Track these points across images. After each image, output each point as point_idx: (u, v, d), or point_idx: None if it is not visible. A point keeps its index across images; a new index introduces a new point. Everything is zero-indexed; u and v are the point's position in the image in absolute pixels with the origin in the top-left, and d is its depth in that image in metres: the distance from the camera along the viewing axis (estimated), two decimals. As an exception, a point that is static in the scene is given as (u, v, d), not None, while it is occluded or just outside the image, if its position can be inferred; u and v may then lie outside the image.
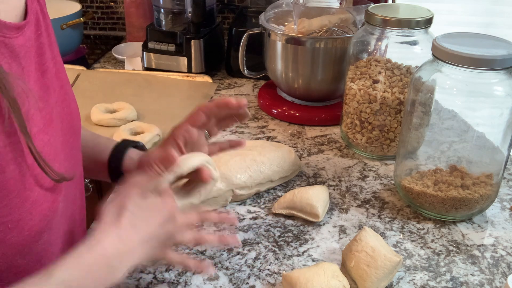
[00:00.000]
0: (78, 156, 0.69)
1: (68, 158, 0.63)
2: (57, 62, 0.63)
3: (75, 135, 0.66)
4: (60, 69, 0.64)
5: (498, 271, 0.75)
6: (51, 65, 0.61)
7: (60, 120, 0.61)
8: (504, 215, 0.87)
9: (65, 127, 0.62)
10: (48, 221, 0.56)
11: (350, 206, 0.89)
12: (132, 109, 1.17)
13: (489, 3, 1.61)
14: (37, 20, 0.58)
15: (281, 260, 0.77)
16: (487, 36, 0.83)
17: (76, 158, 0.67)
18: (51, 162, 0.55)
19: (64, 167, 0.60)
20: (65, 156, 0.61)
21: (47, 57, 0.59)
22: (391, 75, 0.98)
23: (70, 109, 0.65)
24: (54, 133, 0.59)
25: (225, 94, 1.30)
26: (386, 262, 0.69)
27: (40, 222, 0.55)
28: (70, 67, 1.41)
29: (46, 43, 0.60)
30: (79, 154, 0.69)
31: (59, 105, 0.62)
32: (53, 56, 0.62)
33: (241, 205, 0.89)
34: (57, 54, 0.64)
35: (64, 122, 0.62)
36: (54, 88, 0.61)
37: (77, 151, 0.68)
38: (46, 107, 0.58)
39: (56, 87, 0.61)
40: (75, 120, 0.67)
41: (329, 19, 1.13)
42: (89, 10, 1.71)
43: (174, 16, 1.38)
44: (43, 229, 0.56)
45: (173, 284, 0.72)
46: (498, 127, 0.81)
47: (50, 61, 0.60)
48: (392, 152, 1.01)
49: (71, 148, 0.64)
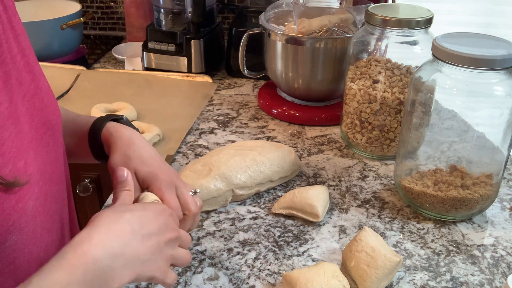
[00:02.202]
0: (57, 152, 0.65)
1: (41, 155, 0.59)
2: (26, 55, 0.60)
3: (50, 131, 0.62)
4: (31, 62, 0.60)
5: (498, 271, 0.75)
6: (18, 57, 0.58)
7: (29, 115, 0.57)
8: (504, 215, 0.87)
9: (35, 123, 0.58)
10: (14, 221, 0.52)
11: (350, 206, 0.89)
12: (132, 109, 1.17)
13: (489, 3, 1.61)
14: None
15: (281, 260, 0.77)
16: (487, 36, 0.83)
17: (53, 155, 0.63)
18: (12, 159, 0.51)
19: (34, 165, 0.55)
20: (36, 152, 0.57)
21: (3, 49, 0.55)
22: (391, 75, 0.98)
23: (43, 103, 0.61)
24: (18, 129, 0.54)
25: (225, 94, 1.30)
26: (386, 262, 0.69)
27: (3, 223, 0.50)
28: (70, 67, 1.41)
29: (5, 35, 0.56)
30: (58, 150, 0.65)
31: (28, 100, 0.58)
32: (21, 48, 0.59)
33: (241, 205, 0.89)
34: (26, 47, 0.60)
35: (34, 117, 0.58)
36: (21, 82, 0.57)
37: (54, 147, 0.63)
38: (6, 101, 0.53)
39: (24, 80, 0.58)
40: (50, 114, 0.62)
41: (329, 19, 1.13)
42: (89, 10, 1.71)
43: (174, 16, 1.39)
44: (9, 230, 0.51)
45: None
46: (498, 127, 0.81)
47: (16, 54, 0.57)
48: (392, 152, 1.01)
49: (45, 145, 0.60)
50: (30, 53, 0.61)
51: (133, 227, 0.55)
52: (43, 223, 0.59)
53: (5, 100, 0.53)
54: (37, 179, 0.56)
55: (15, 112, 0.54)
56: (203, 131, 1.12)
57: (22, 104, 0.57)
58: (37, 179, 0.56)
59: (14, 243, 0.53)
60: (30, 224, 0.55)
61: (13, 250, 0.54)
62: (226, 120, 1.18)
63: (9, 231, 0.52)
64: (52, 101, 0.64)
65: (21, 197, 0.53)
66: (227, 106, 1.24)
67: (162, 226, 0.59)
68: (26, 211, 0.54)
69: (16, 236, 0.53)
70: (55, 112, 0.64)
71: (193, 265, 0.75)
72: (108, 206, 0.88)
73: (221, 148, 0.95)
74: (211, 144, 1.07)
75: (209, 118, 1.18)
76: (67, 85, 1.32)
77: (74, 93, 1.30)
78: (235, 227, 0.83)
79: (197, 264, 0.76)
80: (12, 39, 0.57)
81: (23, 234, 0.54)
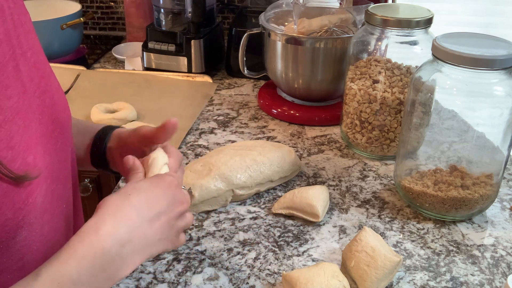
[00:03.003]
0: (65, 151, 0.65)
1: (50, 152, 0.59)
2: (35, 53, 0.60)
3: (60, 128, 0.62)
4: (41, 59, 0.61)
5: (498, 271, 0.75)
6: (29, 54, 0.58)
7: (39, 111, 0.57)
8: (504, 215, 0.87)
9: (45, 119, 0.59)
10: (24, 216, 0.52)
11: (350, 206, 0.89)
12: (132, 109, 1.17)
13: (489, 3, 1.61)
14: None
15: (281, 260, 0.77)
16: (487, 36, 0.83)
17: (61, 153, 0.63)
18: (21, 153, 0.51)
19: (42, 161, 0.56)
20: (45, 149, 0.57)
21: (13, 43, 0.55)
22: (391, 75, 0.98)
23: (53, 100, 0.61)
24: (28, 124, 0.54)
25: (225, 94, 1.30)
26: (386, 262, 0.69)
27: (14, 217, 0.51)
28: (70, 67, 1.41)
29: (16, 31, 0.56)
30: (66, 149, 0.65)
31: (38, 96, 0.58)
32: (31, 46, 0.59)
33: (241, 205, 0.89)
34: (34, 44, 0.61)
35: (44, 114, 0.59)
36: (31, 78, 0.57)
37: (63, 146, 0.63)
38: (16, 95, 0.53)
39: (35, 76, 0.58)
40: (60, 112, 0.63)
41: (329, 19, 1.13)
42: (89, 10, 1.71)
43: (174, 16, 1.39)
44: (19, 225, 0.52)
45: (173, 284, 0.72)
46: (498, 127, 0.81)
47: (27, 50, 0.57)
48: (392, 152, 1.01)
49: (54, 142, 0.60)
50: (40, 51, 0.62)
51: (140, 212, 0.55)
52: (49, 221, 0.59)
53: (15, 94, 0.53)
54: (45, 176, 0.56)
55: (24, 107, 0.54)
56: (203, 131, 1.12)
57: (33, 100, 0.57)
58: (45, 175, 0.56)
59: (24, 238, 0.54)
60: (39, 220, 0.56)
61: (22, 246, 0.54)
62: (226, 120, 1.18)
63: (19, 226, 0.52)
64: (62, 99, 0.64)
65: (31, 192, 0.53)
66: (227, 106, 1.24)
67: (171, 201, 0.59)
68: (35, 206, 0.54)
69: (25, 231, 0.53)
70: (65, 111, 0.65)
71: (193, 265, 0.75)
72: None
73: (221, 148, 0.95)
74: (211, 144, 1.07)
75: (209, 118, 1.18)
76: (67, 85, 1.32)
77: (74, 93, 1.30)
78: (235, 227, 0.83)
79: (197, 264, 0.76)
80: (22, 36, 0.58)
81: (32, 230, 0.55)
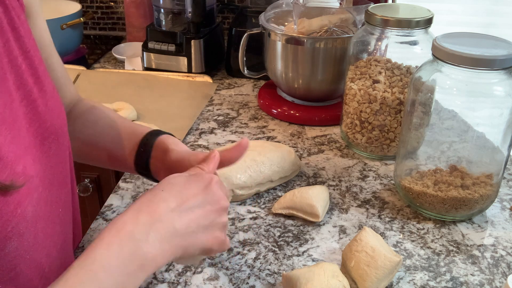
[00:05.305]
0: (61, 156, 0.64)
1: (41, 160, 0.58)
2: (29, 57, 0.59)
3: (55, 135, 0.61)
4: (35, 64, 0.60)
5: (498, 271, 0.75)
6: (19, 60, 0.57)
7: (27, 120, 0.56)
8: (504, 215, 0.87)
9: (35, 127, 0.58)
10: (13, 227, 0.51)
11: (350, 206, 0.89)
12: (132, 109, 1.17)
13: (489, 3, 1.61)
14: None
15: (281, 260, 0.77)
16: (487, 36, 0.83)
17: (55, 159, 0.62)
18: (10, 164, 0.51)
19: (33, 169, 0.55)
20: (34, 157, 0.56)
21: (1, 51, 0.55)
22: (391, 75, 0.98)
23: (46, 107, 0.60)
24: (14, 134, 0.53)
25: (225, 94, 1.30)
26: (386, 262, 0.69)
27: (2, 229, 0.50)
28: (70, 67, 1.41)
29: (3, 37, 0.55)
30: (62, 154, 0.64)
31: (27, 104, 0.57)
32: (24, 50, 0.58)
33: (241, 205, 0.89)
34: (31, 49, 0.59)
35: (33, 122, 0.57)
36: (20, 85, 0.56)
37: (57, 151, 0.62)
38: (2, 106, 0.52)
39: (25, 83, 0.57)
40: (54, 119, 0.61)
41: (329, 19, 1.13)
42: (89, 10, 1.71)
43: (174, 16, 1.39)
44: (8, 236, 0.51)
45: (173, 284, 0.72)
46: (498, 127, 0.81)
47: (17, 56, 0.57)
48: (392, 152, 1.01)
49: (47, 149, 0.59)
50: (35, 55, 0.60)
51: (169, 205, 0.55)
52: (44, 228, 0.58)
53: (1, 104, 0.52)
54: (36, 184, 0.56)
55: (10, 117, 0.53)
56: (203, 131, 1.12)
57: (19, 108, 0.56)
58: (36, 184, 0.56)
59: (14, 249, 0.53)
60: (31, 230, 0.55)
61: (13, 256, 0.53)
62: (226, 120, 1.18)
63: (7, 237, 0.51)
64: (57, 104, 0.63)
65: (20, 202, 0.52)
66: (227, 106, 1.24)
67: (209, 197, 0.58)
68: (25, 216, 0.53)
69: (15, 242, 0.52)
70: (60, 116, 0.63)
71: (193, 265, 0.75)
72: (107, 206, 0.88)
73: (221, 148, 0.94)
74: (211, 144, 1.07)
75: (209, 118, 1.18)
76: (67, 85, 1.32)
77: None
78: (235, 227, 0.83)
79: (197, 264, 0.76)
80: (13, 41, 0.57)
81: (24, 240, 0.54)
